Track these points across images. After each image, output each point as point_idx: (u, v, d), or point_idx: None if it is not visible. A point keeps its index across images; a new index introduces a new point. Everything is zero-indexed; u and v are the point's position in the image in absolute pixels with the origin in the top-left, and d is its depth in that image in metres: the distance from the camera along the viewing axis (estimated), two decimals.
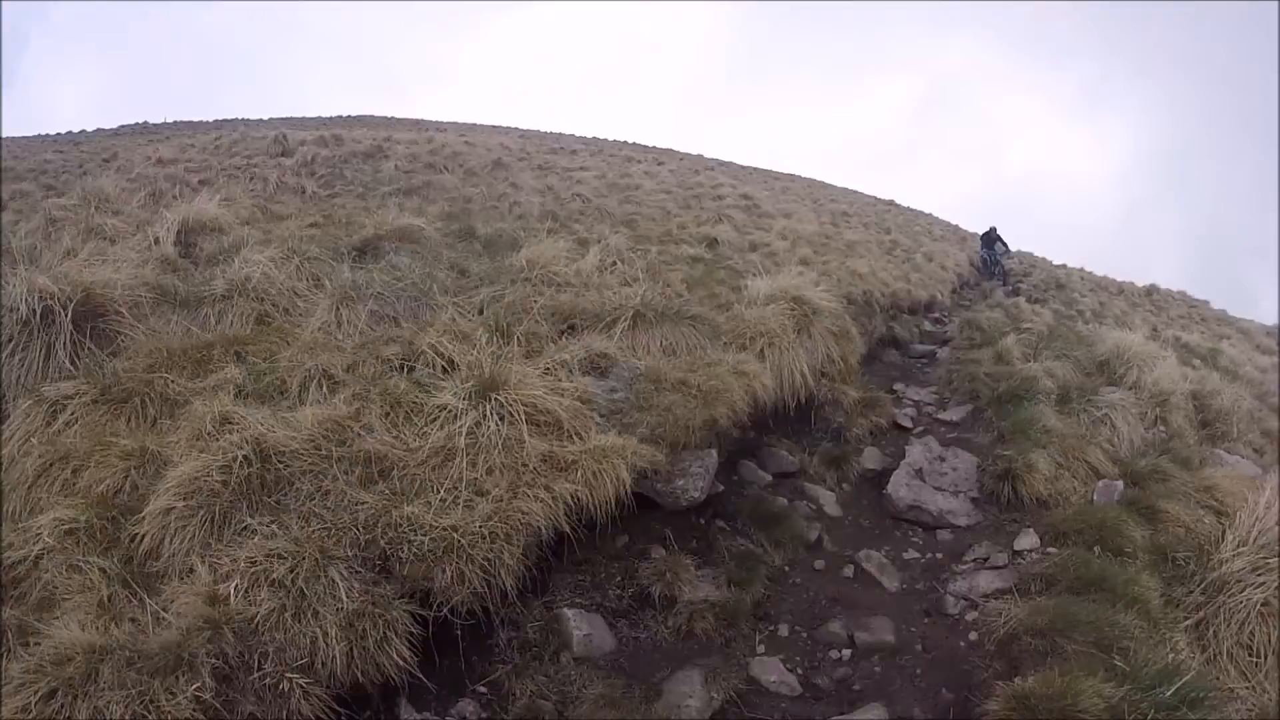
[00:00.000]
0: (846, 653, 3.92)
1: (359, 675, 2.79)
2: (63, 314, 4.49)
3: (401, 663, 2.86)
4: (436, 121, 35.61)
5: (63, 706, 2.41)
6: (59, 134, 34.20)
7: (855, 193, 38.10)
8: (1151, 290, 25.59)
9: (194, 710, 2.43)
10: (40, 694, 2.41)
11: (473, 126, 39.25)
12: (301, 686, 2.64)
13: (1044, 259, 29.53)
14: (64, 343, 4.46)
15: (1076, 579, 3.92)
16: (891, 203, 36.69)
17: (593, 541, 3.71)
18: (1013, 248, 21.22)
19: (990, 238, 21.33)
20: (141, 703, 2.39)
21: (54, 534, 3.09)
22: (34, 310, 4.43)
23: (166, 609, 2.77)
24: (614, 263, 6.99)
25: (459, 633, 3.18)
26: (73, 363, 4.39)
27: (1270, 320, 27.34)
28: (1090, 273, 27.68)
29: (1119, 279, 27.22)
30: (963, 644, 3.89)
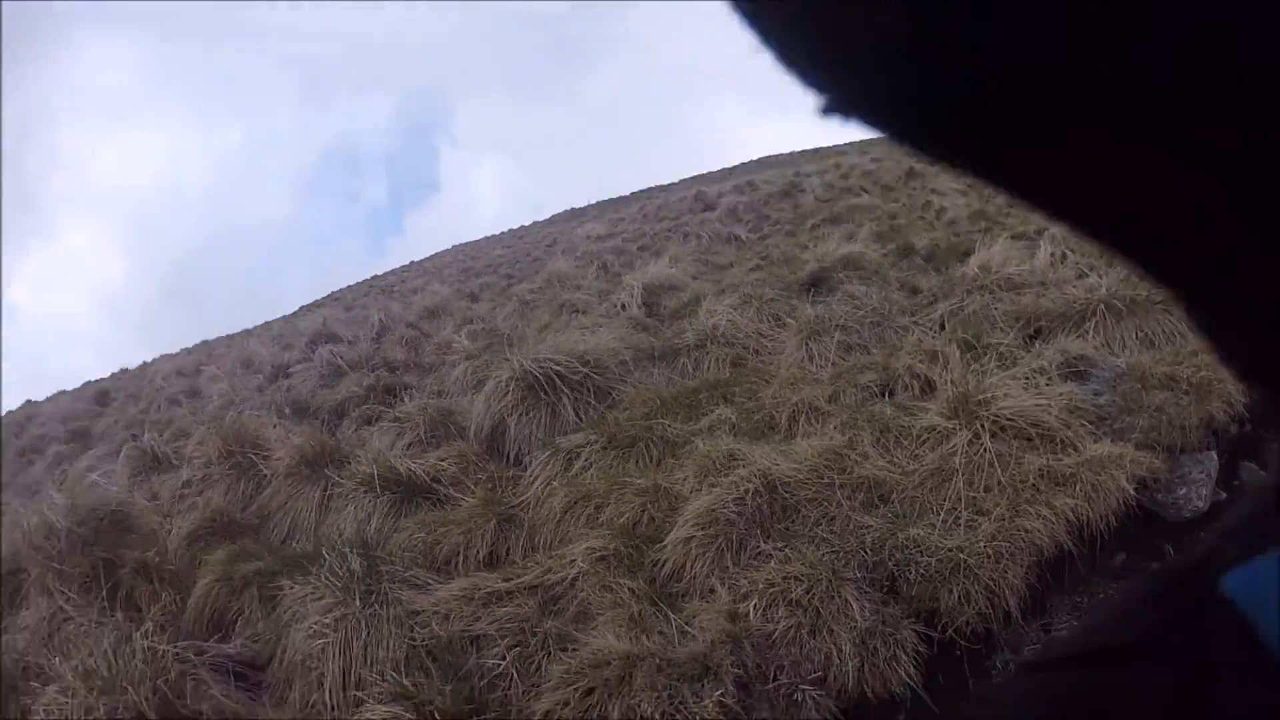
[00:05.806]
0: None
1: (866, 690, 2.87)
2: (560, 378, 5.33)
3: (908, 680, 2.90)
4: (835, 146, 35.61)
5: (598, 703, 2.70)
6: (503, 232, 41.03)
7: None
8: None
9: (717, 713, 2.65)
10: (580, 691, 2.77)
11: (871, 142, 38.51)
12: (814, 698, 2.78)
13: None
14: (566, 401, 5.29)
15: None
16: None
17: (1089, 559, 3.44)
18: None
19: None
20: (671, 704, 2.64)
21: (587, 560, 3.55)
22: (535, 377, 5.31)
23: (689, 624, 3.06)
24: (1064, 254, 6.45)
25: (959, 653, 3.16)
26: (577, 416, 5.21)
27: None
28: None
29: None
30: None
